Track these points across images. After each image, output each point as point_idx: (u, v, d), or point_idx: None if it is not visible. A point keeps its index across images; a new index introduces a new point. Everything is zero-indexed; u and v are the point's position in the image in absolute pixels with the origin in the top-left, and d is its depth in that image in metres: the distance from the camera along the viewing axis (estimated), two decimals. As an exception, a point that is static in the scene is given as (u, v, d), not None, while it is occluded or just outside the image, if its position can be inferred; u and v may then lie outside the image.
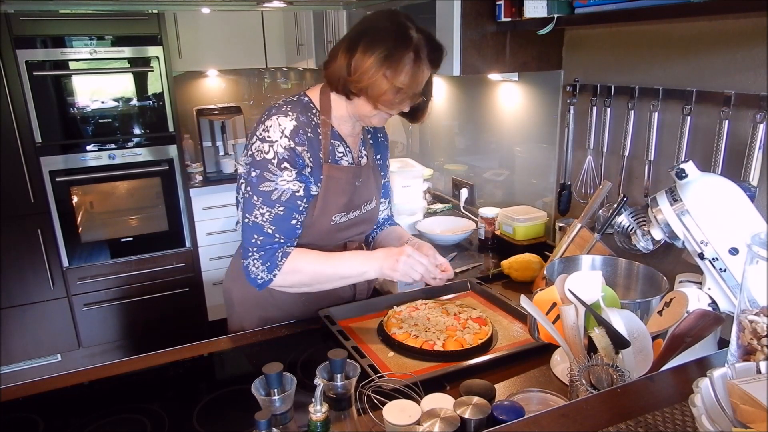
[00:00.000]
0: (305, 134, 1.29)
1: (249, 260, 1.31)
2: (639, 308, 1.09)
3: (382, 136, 1.57)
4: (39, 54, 2.80)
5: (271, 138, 1.26)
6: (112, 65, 2.99)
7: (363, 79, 1.22)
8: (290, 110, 1.30)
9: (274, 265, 1.30)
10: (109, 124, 3.05)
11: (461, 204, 2.46)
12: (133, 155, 3.11)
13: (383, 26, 1.23)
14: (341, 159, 1.39)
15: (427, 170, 2.67)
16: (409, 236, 1.57)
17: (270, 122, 1.28)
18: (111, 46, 2.94)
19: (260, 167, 1.27)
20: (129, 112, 3.09)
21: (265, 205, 1.28)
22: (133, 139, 3.11)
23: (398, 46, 1.20)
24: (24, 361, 3.12)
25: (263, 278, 1.31)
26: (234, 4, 2.84)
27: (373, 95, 1.24)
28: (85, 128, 3.00)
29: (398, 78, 1.22)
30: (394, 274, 1.30)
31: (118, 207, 3.19)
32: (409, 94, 1.26)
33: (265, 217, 1.29)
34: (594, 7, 1.41)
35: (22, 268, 2.98)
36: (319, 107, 1.35)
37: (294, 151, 1.27)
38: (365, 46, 1.21)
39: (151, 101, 3.11)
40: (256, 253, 1.30)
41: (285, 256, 1.31)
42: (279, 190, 1.28)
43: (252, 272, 1.31)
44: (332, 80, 1.28)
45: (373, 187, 1.50)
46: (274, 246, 1.30)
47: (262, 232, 1.29)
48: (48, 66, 2.84)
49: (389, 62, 1.20)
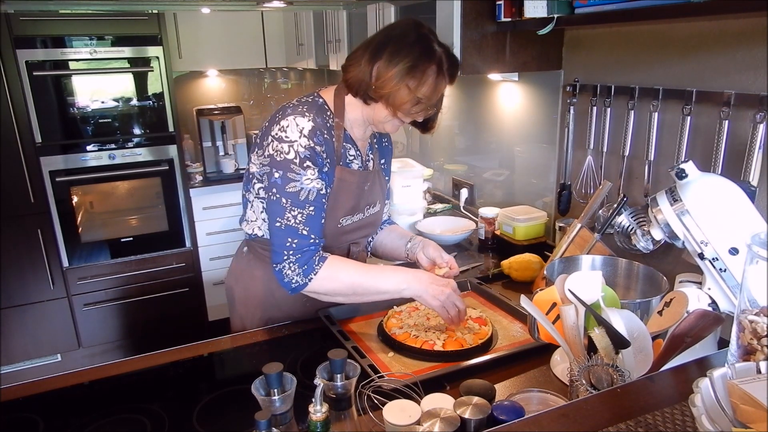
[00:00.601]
0: (322, 135, 1.29)
1: (284, 263, 1.28)
2: (639, 308, 1.09)
3: (387, 141, 1.57)
4: (39, 54, 2.80)
5: (289, 138, 1.25)
6: (112, 65, 2.99)
7: (386, 86, 1.23)
8: (306, 110, 1.29)
9: (311, 269, 1.28)
10: (109, 124, 3.05)
11: (461, 204, 2.46)
12: (133, 155, 3.11)
13: (408, 37, 1.25)
14: (352, 162, 1.40)
15: (427, 170, 2.67)
16: (411, 234, 1.57)
17: (286, 122, 1.27)
18: (111, 46, 2.95)
19: (283, 168, 1.26)
20: (129, 112, 3.09)
21: (296, 207, 1.27)
22: (133, 139, 3.11)
23: (423, 58, 1.23)
24: (24, 361, 3.12)
25: (298, 282, 1.28)
26: (234, 4, 2.85)
27: (394, 103, 1.25)
28: (85, 128, 3.00)
29: (421, 89, 1.24)
30: (433, 302, 1.28)
31: (118, 207, 3.18)
32: (427, 105, 1.28)
33: (298, 219, 1.27)
34: (594, 7, 1.41)
35: (22, 268, 2.98)
36: (333, 110, 1.35)
37: (314, 150, 1.26)
38: (390, 54, 1.22)
39: (151, 101, 3.11)
40: (292, 256, 1.27)
41: (322, 261, 1.29)
42: (305, 189, 1.27)
43: (286, 275, 1.28)
44: (352, 84, 1.29)
45: (378, 192, 1.50)
46: (311, 248, 1.28)
47: (297, 235, 1.27)
48: (48, 66, 2.84)
49: (414, 73, 1.22)
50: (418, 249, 1.49)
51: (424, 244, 1.48)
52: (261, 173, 1.33)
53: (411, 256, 1.51)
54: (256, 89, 4.05)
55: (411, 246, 1.52)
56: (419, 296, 1.29)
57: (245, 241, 1.53)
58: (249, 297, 1.49)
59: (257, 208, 1.41)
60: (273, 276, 1.45)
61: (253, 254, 1.49)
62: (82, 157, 3.00)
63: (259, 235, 1.43)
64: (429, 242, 1.48)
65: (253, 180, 1.38)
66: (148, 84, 3.09)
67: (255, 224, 1.43)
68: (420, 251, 1.48)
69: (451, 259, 1.41)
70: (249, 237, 1.47)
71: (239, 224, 1.50)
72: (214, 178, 3.38)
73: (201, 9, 3.19)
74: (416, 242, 1.52)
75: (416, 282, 1.29)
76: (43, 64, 2.82)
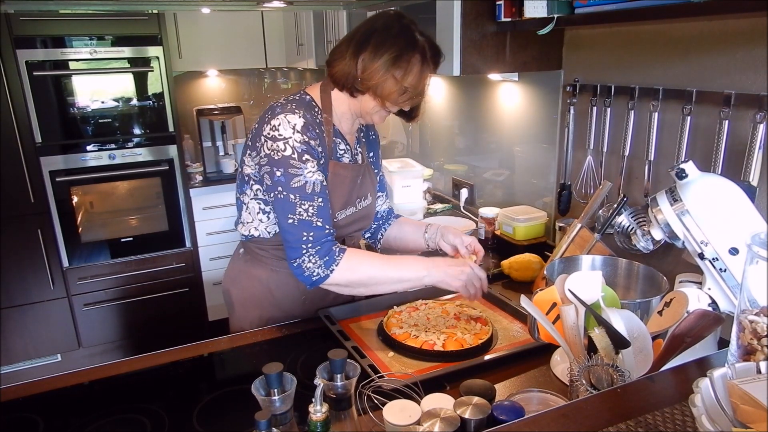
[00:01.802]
0: (313, 130, 1.30)
1: (303, 257, 1.27)
2: (639, 308, 1.09)
3: (373, 134, 1.60)
4: (39, 54, 2.81)
5: (283, 135, 1.26)
6: (112, 65, 2.99)
7: (373, 77, 1.25)
8: (296, 108, 1.30)
9: (332, 260, 1.28)
10: (109, 124, 3.05)
11: (461, 204, 2.46)
12: (133, 155, 3.11)
13: (392, 28, 1.27)
14: (342, 156, 1.41)
15: (427, 170, 2.67)
16: (425, 223, 1.58)
17: (277, 121, 1.27)
18: (111, 46, 2.95)
19: (283, 165, 1.26)
20: (129, 112, 3.09)
21: (305, 200, 1.27)
22: (133, 139, 3.12)
23: (407, 48, 1.25)
24: (24, 361, 3.12)
25: (319, 274, 1.28)
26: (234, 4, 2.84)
27: (381, 94, 1.28)
28: (85, 128, 3.00)
29: (407, 78, 1.27)
30: (455, 282, 1.30)
31: (118, 207, 3.18)
32: (413, 93, 1.31)
33: (309, 212, 1.27)
34: (594, 7, 1.41)
35: (22, 268, 2.98)
36: (321, 106, 1.36)
37: (309, 144, 1.28)
38: (375, 46, 1.25)
39: (151, 101, 3.11)
40: (311, 249, 1.27)
41: (342, 252, 1.29)
42: (310, 182, 1.27)
43: (307, 269, 1.27)
44: (338, 78, 1.30)
45: (369, 184, 1.51)
46: (328, 238, 1.29)
47: (312, 227, 1.27)
48: (48, 66, 2.84)
49: (399, 63, 1.25)
50: (438, 237, 1.51)
51: (443, 232, 1.49)
52: (258, 174, 1.33)
53: (432, 245, 1.53)
54: (256, 89, 4.05)
55: (430, 236, 1.54)
56: (441, 281, 1.31)
57: (241, 243, 1.53)
58: (247, 298, 1.49)
59: (253, 209, 1.41)
60: (271, 275, 1.45)
61: (250, 255, 1.49)
62: (82, 157, 3.00)
63: (255, 236, 1.43)
64: (447, 228, 1.50)
65: (250, 182, 1.38)
66: (148, 84, 3.09)
67: (251, 225, 1.43)
68: (441, 239, 1.50)
69: (474, 241, 1.43)
70: (245, 238, 1.47)
71: (234, 227, 1.50)
72: (214, 178, 3.38)
73: (201, 9, 3.18)
74: (434, 230, 1.53)
75: (435, 268, 1.31)
76: (43, 64, 2.82)
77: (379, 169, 1.63)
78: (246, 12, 3.55)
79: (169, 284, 3.32)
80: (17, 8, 2.65)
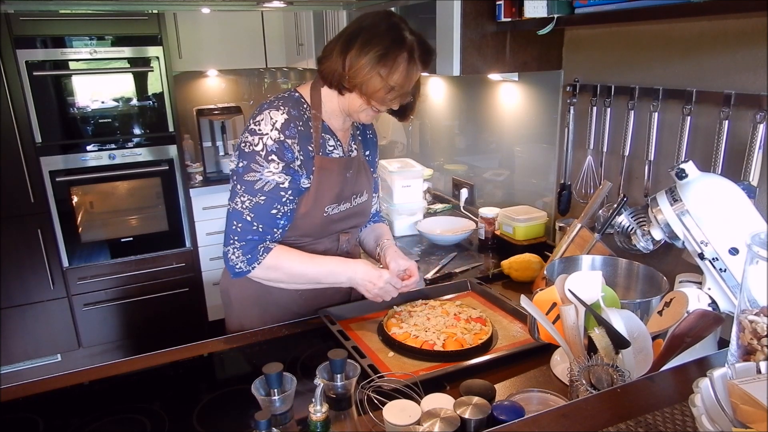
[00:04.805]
0: (296, 127, 1.32)
1: (229, 248, 1.33)
2: (639, 308, 1.09)
3: (371, 133, 1.60)
4: (39, 54, 2.80)
5: (261, 131, 1.29)
6: (112, 65, 2.99)
7: (358, 75, 1.26)
8: (282, 104, 1.33)
9: (255, 259, 1.32)
10: (109, 124, 3.05)
11: (461, 204, 2.46)
12: (133, 155, 3.11)
13: (379, 26, 1.27)
14: (332, 152, 1.42)
15: (427, 170, 2.67)
16: (388, 238, 1.58)
17: (261, 116, 1.31)
18: (111, 46, 2.94)
19: (248, 158, 1.30)
20: (129, 112, 3.09)
21: (247, 193, 1.31)
22: (133, 139, 3.11)
23: (393, 46, 1.25)
24: (24, 361, 3.12)
25: (241, 268, 1.33)
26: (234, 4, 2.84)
27: (367, 92, 1.28)
28: (85, 128, 3.00)
29: (392, 77, 1.27)
30: (366, 293, 1.38)
31: (118, 207, 3.18)
32: (400, 92, 1.31)
33: (245, 204, 1.31)
34: (594, 7, 1.41)
35: (22, 268, 2.98)
36: (310, 102, 1.38)
37: (283, 144, 1.29)
38: (361, 44, 1.25)
39: (151, 101, 3.11)
40: (237, 242, 1.33)
41: (266, 252, 1.33)
42: (263, 180, 1.30)
43: (231, 260, 1.33)
44: (327, 75, 1.32)
45: (364, 181, 1.52)
46: (255, 239, 1.33)
47: (241, 219, 1.32)
48: (48, 66, 2.83)
49: (384, 61, 1.25)
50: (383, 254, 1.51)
51: (385, 252, 1.49)
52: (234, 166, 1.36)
53: (381, 260, 1.53)
54: (256, 89, 4.05)
55: (380, 250, 1.55)
56: (356, 287, 1.38)
57: None
58: (245, 297, 1.49)
59: None
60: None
61: None
62: (82, 157, 3.00)
63: None
64: (388, 248, 1.50)
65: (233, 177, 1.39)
66: (148, 84, 3.08)
67: None
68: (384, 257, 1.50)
69: (411, 265, 1.44)
70: None
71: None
72: (214, 178, 3.38)
73: (201, 9, 3.18)
74: (383, 247, 1.53)
75: (353, 273, 1.37)
76: (43, 64, 2.82)
77: (375, 170, 1.63)
78: (246, 12, 3.55)
79: (169, 284, 3.32)
80: (17, 8, 2.65)
